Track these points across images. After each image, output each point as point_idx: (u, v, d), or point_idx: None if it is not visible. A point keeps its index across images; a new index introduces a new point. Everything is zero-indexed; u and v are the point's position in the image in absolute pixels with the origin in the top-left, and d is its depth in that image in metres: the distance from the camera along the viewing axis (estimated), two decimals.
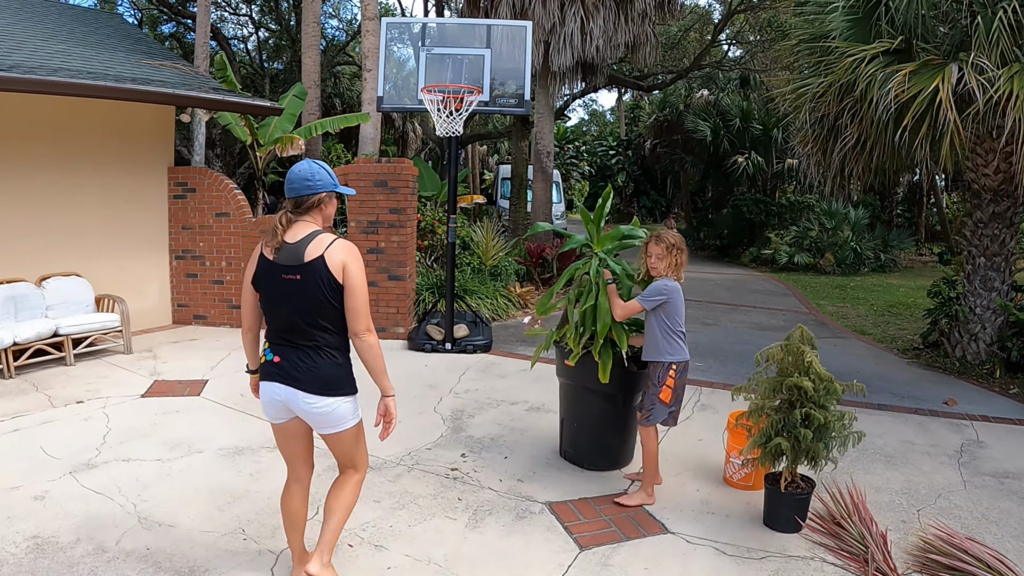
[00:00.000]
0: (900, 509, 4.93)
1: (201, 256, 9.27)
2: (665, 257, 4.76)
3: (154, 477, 4.74)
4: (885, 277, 18.46)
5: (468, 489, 5.01)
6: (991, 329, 8.45)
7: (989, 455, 5.88)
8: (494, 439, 5.94)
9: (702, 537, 4.52)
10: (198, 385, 6.52)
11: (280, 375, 3.31)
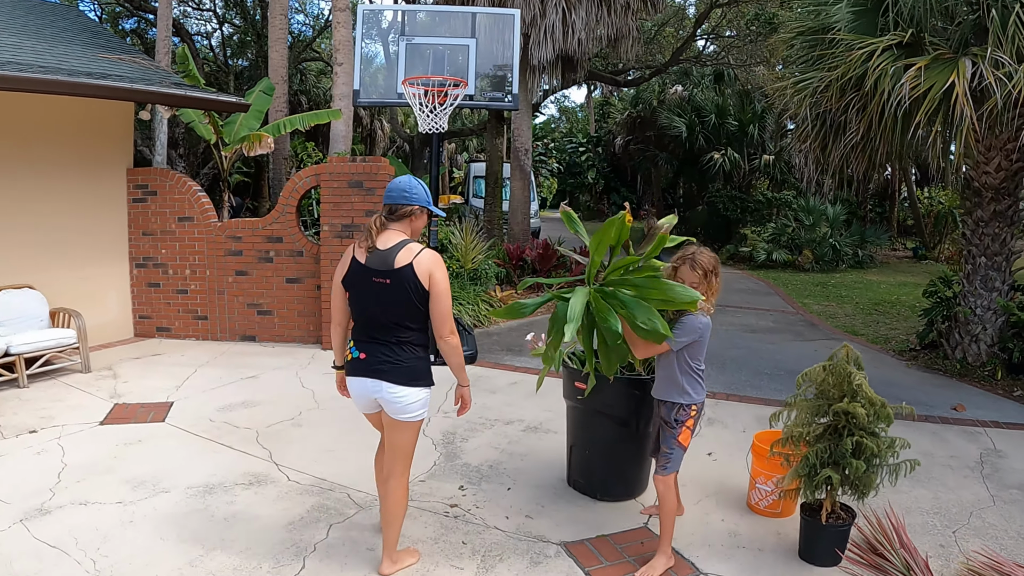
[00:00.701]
0: (935, 532, 4.58)
1: (163, 264, 8.62)
2: (700, 284, 4.02)
3: (115, 525, 4.11)
4: (864, 273, 18.32)
5: (472, 530, 4.47)
6: (992, 330, 8.21)
7: (1010, 466, 5.57)
8: (493, 467, 5.41)
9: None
10: (162, 409, 5.90)
11: (367, 370, 3.65)
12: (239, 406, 6.03)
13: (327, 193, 8.33)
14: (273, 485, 4.75)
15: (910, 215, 25.52)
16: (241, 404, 6.07)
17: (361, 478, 4.96)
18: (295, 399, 6.35)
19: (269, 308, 8.59)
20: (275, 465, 5.03)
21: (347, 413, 6.15)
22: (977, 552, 4.24)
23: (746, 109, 23.05)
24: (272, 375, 7.00)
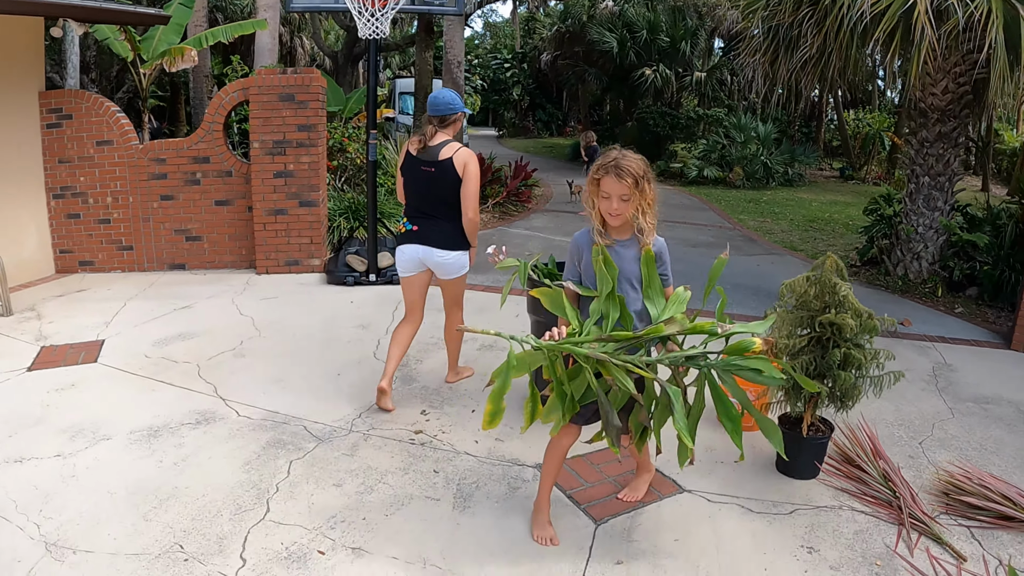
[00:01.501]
0: (903, 443, 4.58)
1: (83, 193, 7.90)
2: (633, 196, 3.18)
3: (57, 481, 3.67)
4: (795, 191, 18.54)
5: (442, 457, 4.22)
6: (933, 248, 8.40)
7: (963, 379, 5.64)
8: (453, 388, 5.14)
9: (721, 493, 3.99)
10: (93, 348, 5.40)
11: (418, 238, 4.61)
12: (175, 339, 5.58)
13: (256, 108, 7.70)
14: (222, 422, 4.38)
15: (837, 136, 25.84)
16: (177, 337, 5.62)
17: (316, 408, 4.64)
18: (234, 328, 5.92)
19: (198, 233, 8.02)
20: (222, 400, 4.65)
21: (291, 340, 5.79)
22: (950, 463, 4.28)
23: (678, 25, 22.72)
24: (207, 304, 6.53)
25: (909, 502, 3.83)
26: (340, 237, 8.84)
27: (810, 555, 3.49)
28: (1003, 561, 3.41)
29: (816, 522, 3.75)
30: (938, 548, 3.54)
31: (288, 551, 3.28)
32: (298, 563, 3.21)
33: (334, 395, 4.86)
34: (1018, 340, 6.36)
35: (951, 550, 3.51)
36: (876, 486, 4.01)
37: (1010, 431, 4.77)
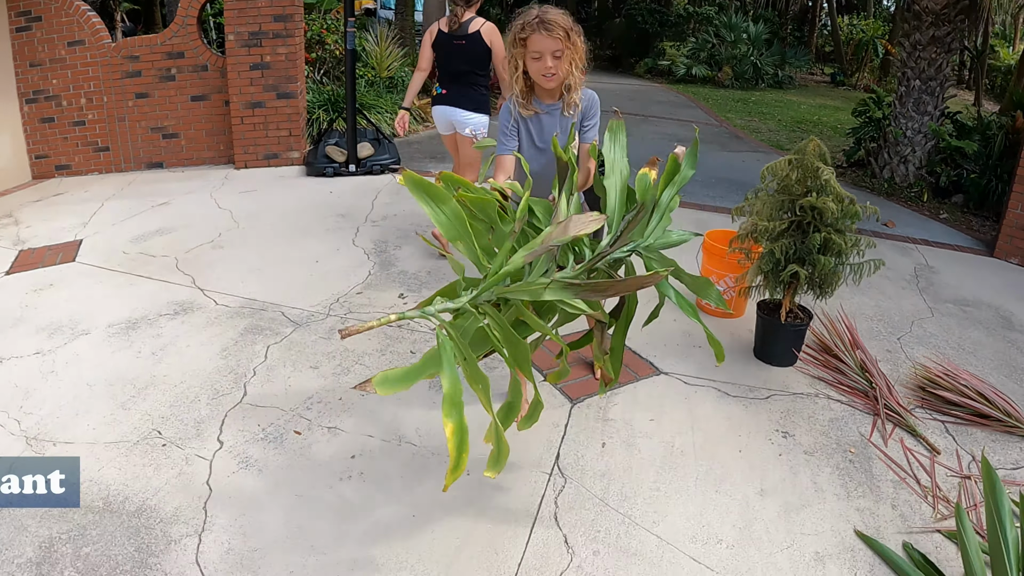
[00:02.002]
0: (881, 337, 4.57)
1: (56, 96, 7.59)
2: (565, 51, 2.96)
3: (36, 378, 3.65)
4: (784, 93, 18.09)
5: (419, 338, 4.20)
6: (921, 153, 8.23)
7: (943, 281, 5.58)
8: (431, 272, 5.09)
9: (698, 376, 3.99)
10: (71, 248, 5.31)
11: (447, 100, 5.19)
12: (153, 234, 5.48)
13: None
14: (200, 312, 4.34)
15: (829, 41, 25.02)
16: (155, 232, 5.52)
17: (294, 294, 4.59)
18: (212, 221, 5.81)
19: (175, 131, 7.76)
20: (200, 291, 4.60)
21: (269, 230, 5.69)
22: (928, 359, 4.25)
23: None
24: (185, 200, 6.39)
25: (885, 393, 3.82)
26: (319, 129, 8.60)
27: (785, 439, 3.51)
28: (976, 457, 3.41)
29: (792, 408, 3.77)
30: (912, 440, 3.55)
31: (265, 432, 3.29)
32: (274, 443, 3.22)
33: (312, 282, 4.80)
34: (1001, 248, 6.27)
35: (925, 443, 3.52)
36: (853, 376, 4.00)
37: (988, 334, 4.73)
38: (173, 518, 2.78)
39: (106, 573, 2.53)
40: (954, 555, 2.85)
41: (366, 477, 3.08)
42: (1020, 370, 4.26)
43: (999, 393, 3.83)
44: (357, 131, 7.60)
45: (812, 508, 3.08)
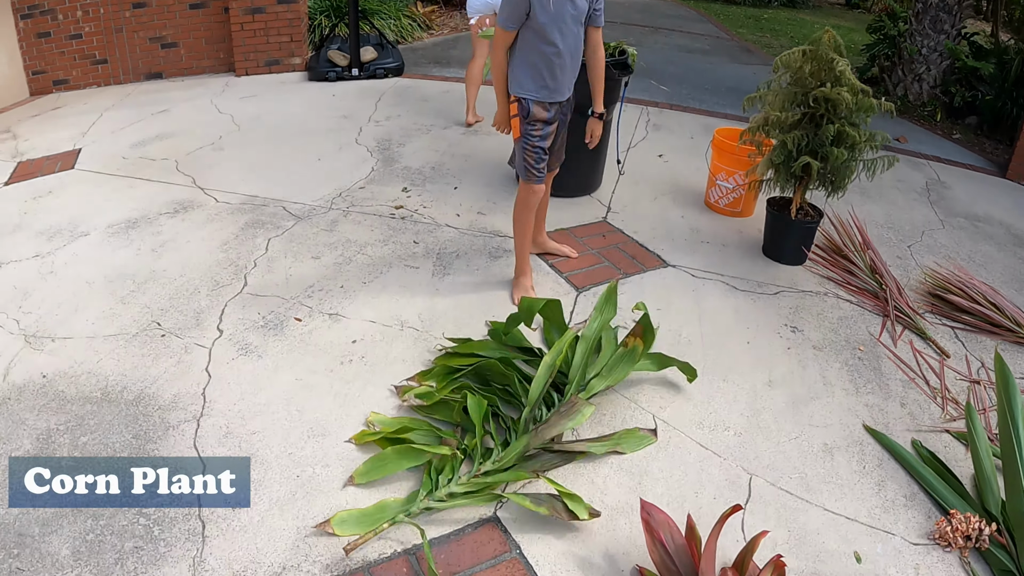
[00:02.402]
0: (892, 244, 4.37)
1: (51, 9, 7.27)
2: None
3: (35, 279, 3.51)
4: (797, 12, 17.13)
5: (423, 229, 4.03)
6: (936, 72, 7.80)
7: (955, 196, 5.30)
8: (435, 168, 4.87)
9: (705, 270, 3.85)
10: (70, 157, 5.12)
11: None
12: (153, 140, 5.27)
13: None
14: (200, 209, 4.16)
15: None
16: (155, 138, 5.32)
17: (295, 191, 4.40)
18: (213, 125, 5.59)
19: (174, 40, 7.46)
20: (200, 190, 4.41)
21: (271, 132, 5.47)
22: (939, 263, 4.10)
23: None
24: (185, 107, 6.16)
25: (895, 295, 3.69)
26: (321, 36, 8.28)
27: (793, 334, 3.41)
28: (985, 363, 3.29)
29: (801, 305, 3.65)
30: (921, 343, 3.44)
31: (265, 320, 3.17)
32: (275, 330, 3.10)
33: (314, 178, 4.61)
34: (1014, 171, 5.96)
35: (935, 346, 3.41)
36: (863, 277, 3.86)
37: (999, 249, 4.52)
38: (171, 405, 2.68)
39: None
40: (962, 456, 2.77)
41: (367, 360, 2.95)
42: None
43: (1011, 303, 3.68)
44: (360, 36, 7.29)
45: (821, 401, 2.99)
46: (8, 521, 2.20)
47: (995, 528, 2.36)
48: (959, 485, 2.59)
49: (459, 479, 2.40)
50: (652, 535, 2.14)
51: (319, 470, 2.46)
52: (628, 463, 2.61)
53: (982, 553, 2.36)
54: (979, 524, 2.35)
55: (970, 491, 2.58)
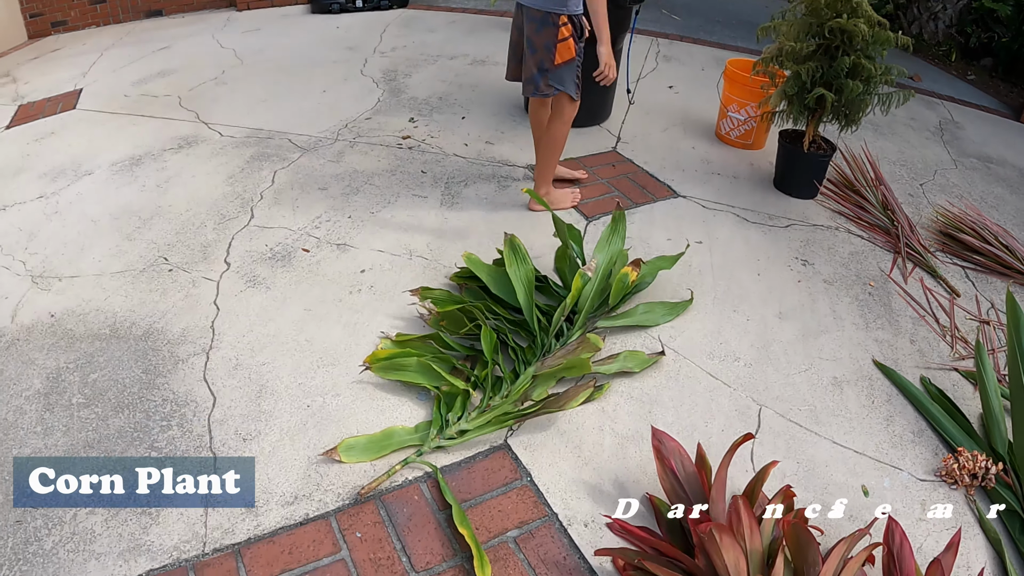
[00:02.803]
0: (904, 181, 4.23)
1: None
2: None
3: (40, 220, 3.45)
4: None
5: (431, 159, 3.94)
6: (952, 11, 7.44)
7: (968, 137, 5.09)
8: (442, 98, 4.76)
9: (716, 201, 3.76)
10: (71, 97, 5.02)
11: None
12: (155, 77, 5.16)
13: None
14: (205, 144, 4.08)
15: None
16: (157, 75, 5.20)
17: (301, 123, 4.30)
18: (215, 60, 5.45)
19: None
20: (204, 124, 4.31)
21: (275, 65, 5.33)
22: (951, 203, 3.98)
23: None
24: (186, 43, 6.01)
25: (907, 231, 3.59)
26: None
27: (804, 267, 3.34)
28: (995, 304, 3.22)
29: (812, 238, 3.57)
30: (932, 281, 3.36)
31: (272, 252, 3.12)
32: (282, 262, 3.05)
33: (320, 110, 4.51)
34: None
35: (945, 284, 3.33)
36: (874, 212, 3.75)
37: (1012, 192, 4.35)
38: (181, 339, 2.65)
39: (114, 397, 2.43)
40: (970, 394, 2.72)
41: (376, 290, 2.91)
42: None
43: (1022, 245, 3.57)
44: None
45: (831, 335, 2.95)
46: None
47: (1001, 468, 2.34)
48: (967, 423, 2.55)
49: (469, 416, 2.38)
50: (663, 463, 2.11)
51: (330, 399, 2.44)
52: (638, 391, 2.58)
53: (988, 492, 2.33)
54: (986, 463, 2.32)
55: (977, 430, 2.54)
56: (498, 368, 2.55)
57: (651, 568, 1.85)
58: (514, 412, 2.40)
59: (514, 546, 2.05)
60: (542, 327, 2.67)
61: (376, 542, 2.03)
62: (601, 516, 2.13)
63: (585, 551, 2.04)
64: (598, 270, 2.85)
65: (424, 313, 2.75)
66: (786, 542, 1.86)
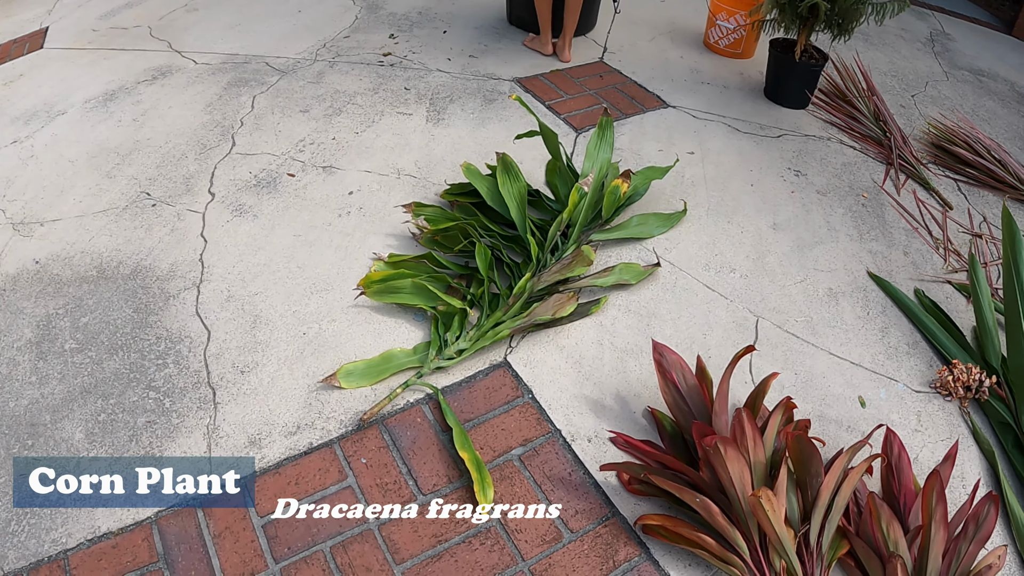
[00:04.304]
0: (895, 92, 4.07)
1: None
2: None
3: (16, 165, 3.28)
4: None
5: (413, 75, 3.78)
6: None
7: (959, 49, 4.87)
8: (422, 12, 4.54)
9: (707, 111, 3.65)
10: (37, 37, 4.76)
11: None
12: (122, 8, 4.88)
13: None
14: (180, 73, 3.89)
15: None
16: (124, 6, 4.92)
17: (277, 45, 4.11)
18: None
19: None
20: (177, 54, 4.11)
21: None
22: (943, 115, 3.83)
23: None
24: None
25: (899, 143, 3.47)
26: None
27: (797, 177, 3.26)
28: (988, 218, 3.13)
29: (804, 149, 3.47)
30: (924, 193, 3.27)
31: (257, 179, 3.01)
32: (268, 188, 2.95)
33: (296, 31, 4.29)
34: (1020, 28, 5.40)
35: (938, 196, 3.24)
36: (867, 123, 3.63)
37: (1003, 105, 4.17)
38: (170, 274, 2.57)
39: (106, 339, 2.36)
40: (964, 307, 2.69)
41: (365, 211, 2.82)
42: None
43: (1015, 160, 3.46)
44: None
45: (825, 246, 2.89)
46: (19, 412, 2.16)
47: (995, 380, 2.31)
48: (960, 336, 2.52)
49: (467, 334, 2.33)
50: (664, 376, 2.08)
51: (325, 325, 2.39)
52: (636, 304, 2.53)
53: (981, 404, 2.32)
54: (980, 375, 2.30)
55: (971, 343, 2.51)
56: (494, 285, 2.50)
57: (656, 481, 1.84)
58: (506, 320, 2.35)
59: (519, 464, 2.04)
60: (537, 242, 2.60)
61: (382, 467, 2.01)
62: (604, 431, 2.11)
63: (590, 466, 2.03)
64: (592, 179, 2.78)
65: (417, 232, 2.68)
66: (789, 454, 1.84)
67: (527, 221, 2.63)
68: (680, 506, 1.87)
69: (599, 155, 2.88)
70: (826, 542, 1.77)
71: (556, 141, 2.84)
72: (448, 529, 1.89)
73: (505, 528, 1.90)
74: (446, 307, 2.37)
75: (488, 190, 2.73)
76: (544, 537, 1.88)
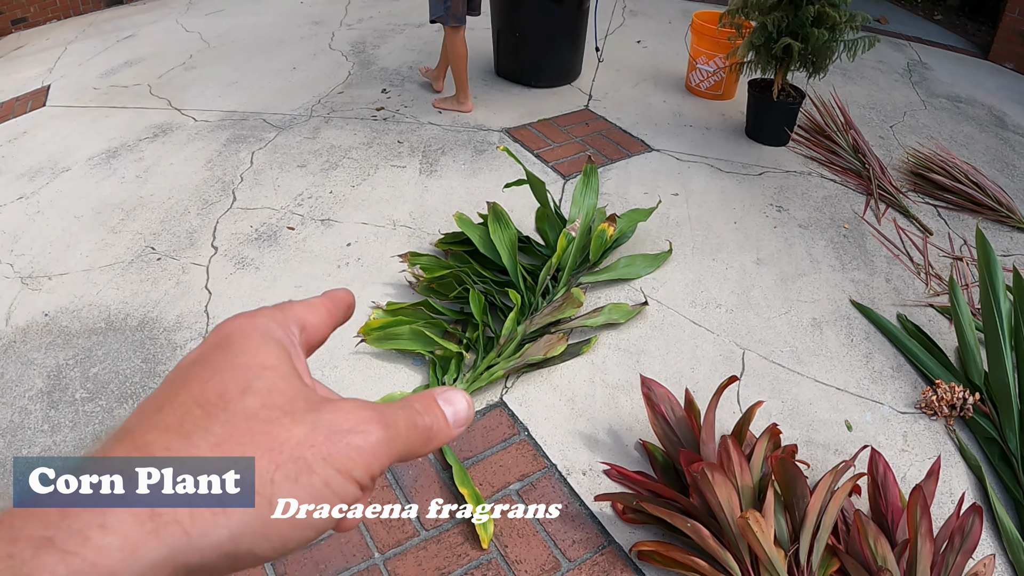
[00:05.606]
0: (874, 124, 4.27)
1: None
2: None
3: (23, 222, 3.42)
4: None
5: (406, 128, 3.94)
6: None
7: (937, 77, 5.11)
8: (412, 67, 4.74)
9: (690, 153, 3.81)
10: (40, 95, 4.95)
11: None
12: (122, 67, 5.09)
13: None
14: (180, 130, 4.05)
15: None
16: (124, 64, 5.13)
17: (274, 101, 4.29)
18: (182, 45, 5.39)
19: None
20: (177, 111, 4.28)
21: (242, 46, 5.27)
22: (921, 143, 4.01)
23: None
24: (150, 30, 5.92)
25: (878, 173, 3.64)
26: None
27: (779, 213, 3.40)
28: (968, 241, 3.28)
29: (785, 184, 3.62)
30: (905, 221, 3.42)
31: (258, 232, 3.14)
32: (269, 241, 3.07)
33: (291, 88, 4.48)
34: (996, 53, 5.66)
35: (918, 223, 3.38)
36: (846, 156, 3.80)
37: (981, 129, 4.37)
38: (176, 325, 2.68)
39: (116, 388, 2.46)
40: (946, 329, 2.80)
41: (363, 261, 2.94)
42: (1012, 166, 3.97)
43: (992, 182, 3.62)
44: None
45: (808, 277, 3.01)
46: None
47: (978, 397, 2.41)
48: (943, 357, 2.63)
49: (464, 376, 2.43)
50: (653, 409, 2.17)
51: (328, 372, 2.48)
52: (625, 342, 2.64)
53: (966, 421, 2.42)
54: (963, 393, 2.40)
55: (954, 363, 2.62)
56: (488, 329, 2.60)
57: (649, 509, 1.92)
58: (500, 361, 2.45)
59: (517, 498, 2.12)
60: (528, 286, 2.71)
61: (385, 504, 2.09)
62: (598, 464, 2.20)
63: (585, 498, 2.11)
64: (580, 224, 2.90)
65: (413, 280, 2.80)
66: (775, 477, 1.93)
67: (518, 267, 2.74)
68: (673, 532, 1.96)
69: (585, 201, 3.01)
70: (816, 560, 1.85)
71: (543, 189, 2.96)
72: (451, 562, 1.97)
73: (506, 559, 1.98)
74: (443, 351, 2.47)
75: (480, 238, 2.85)
76: (544, 567, 1.96)
